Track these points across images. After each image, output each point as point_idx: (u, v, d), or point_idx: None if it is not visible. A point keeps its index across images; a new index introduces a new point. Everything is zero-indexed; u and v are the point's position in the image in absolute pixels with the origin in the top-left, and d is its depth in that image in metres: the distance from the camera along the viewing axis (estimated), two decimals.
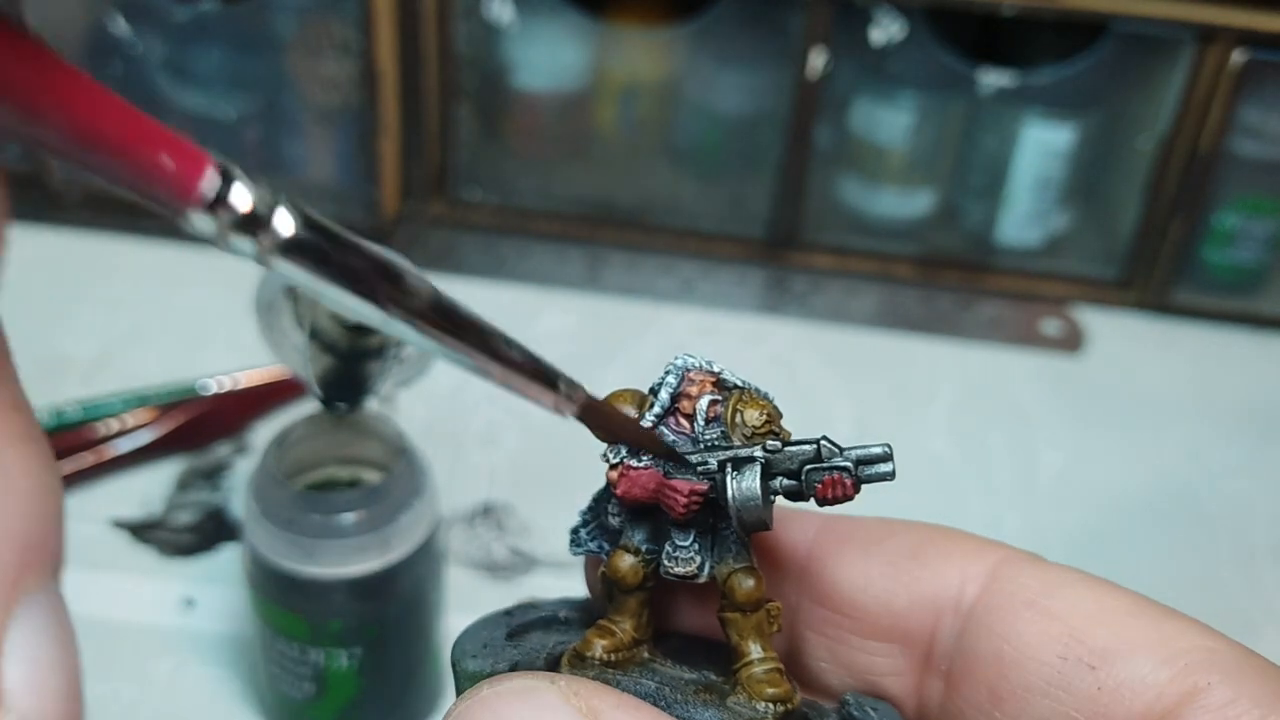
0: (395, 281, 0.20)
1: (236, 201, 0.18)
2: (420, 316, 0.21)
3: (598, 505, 0.30)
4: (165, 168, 0.17)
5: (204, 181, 0.18)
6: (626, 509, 0.29)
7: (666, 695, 0.27)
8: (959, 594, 0.28)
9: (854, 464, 0.27)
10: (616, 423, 0.27)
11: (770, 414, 0.28)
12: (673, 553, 0.28)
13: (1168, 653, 0.25)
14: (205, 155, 0.18)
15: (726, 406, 0.28)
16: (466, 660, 0.29)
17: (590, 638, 0.28)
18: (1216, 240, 0.88)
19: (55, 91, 0.16)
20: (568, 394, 0.25)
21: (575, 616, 0.31)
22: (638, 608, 0.29)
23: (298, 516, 0.50)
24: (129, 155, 0.17)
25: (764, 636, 0.28)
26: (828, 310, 0.88)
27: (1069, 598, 0.27)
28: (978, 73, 0.86)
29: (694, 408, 0.28)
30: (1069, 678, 0.26)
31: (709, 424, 0.28)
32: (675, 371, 0.28)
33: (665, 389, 0.28)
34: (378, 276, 0.20)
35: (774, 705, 0.27)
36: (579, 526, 0.30)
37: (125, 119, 0.17)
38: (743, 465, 0.27)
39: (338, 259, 0.20)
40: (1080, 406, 0.82)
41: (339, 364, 0.52)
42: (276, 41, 0.85)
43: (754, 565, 0.28)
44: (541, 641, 0.29)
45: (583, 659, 0.28)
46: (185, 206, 0.18)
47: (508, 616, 0.31)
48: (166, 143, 0.17)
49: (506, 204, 0.92)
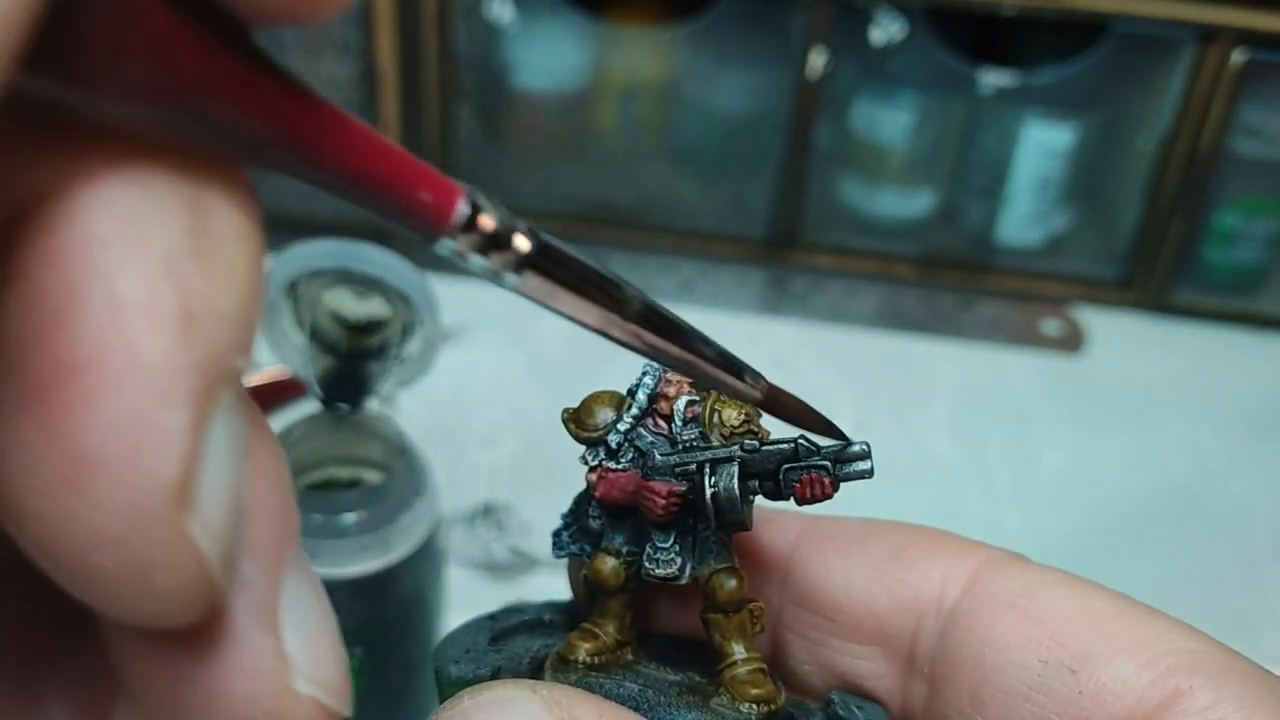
0: (615, 290, 0.22)
1: (484, 225, 0.20)
2: (635, 321, 0.22)
3: (578, 508, 0.29)
4: (424, 201, 0.19)
5: (456, 210, 0.19)
6: (606, 511, 0.28)
7: (650, 698, 0.27)
8: (941, 596, 0.28)
9: (831, 463, 0.27)
10: (797, 409, 0.27)
11: (748, 414, 0.28)
12: (653, 554, 0.28)
13: (1149, 655, 0.25)
14: (457, 188, 0.20)
15: (704, 407, 0.28)
16: (449, 666, 0.28)
17: (573, 641, 0.28)
18: (1216, 240, 0.88)
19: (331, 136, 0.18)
20: (752, 383, 0.25)
21: (560, 619, 0.31)
22: (621, 610, 0.29)
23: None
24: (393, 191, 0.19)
25: (747, 637, 0.28)
26: (828, 310, 0.88)
27: (1050, 599, 0.26)
28: (978, 73, 0.86)
29: (671, 408, 0.28)
30: (1050, 681, 0.25)
31: (687, 424, 0.28)
32: (652, 373, 0.28)
33: (643, 390, 0.28)
34: (601, 286, 0.22)
35: (758, 706, 0.27)
36: (560, 529, 0.30)
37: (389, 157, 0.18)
38: (720, 465, 0.27)
39: (568, 271, 0.22)
40: (1080, 406, 0.82)
41: (339, 364, 0.53)
42: (276, 42, 0.85)
43: (735, 566, 0.28)
44: (525, 645, 0.29)
45: (566, 663, 0.28)
46: (440, 233, 0.19)
47: (491, 621, 0.30)
48: (425, 177, 0.19)
49: (506, 204, 0.91)
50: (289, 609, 0.18)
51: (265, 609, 0.18)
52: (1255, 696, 0.24)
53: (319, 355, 0.52)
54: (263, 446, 0.19)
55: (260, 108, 0.17)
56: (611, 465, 0.28)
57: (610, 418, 0.28)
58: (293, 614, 0.18)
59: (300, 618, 0.19)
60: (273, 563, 0.18)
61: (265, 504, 0.18)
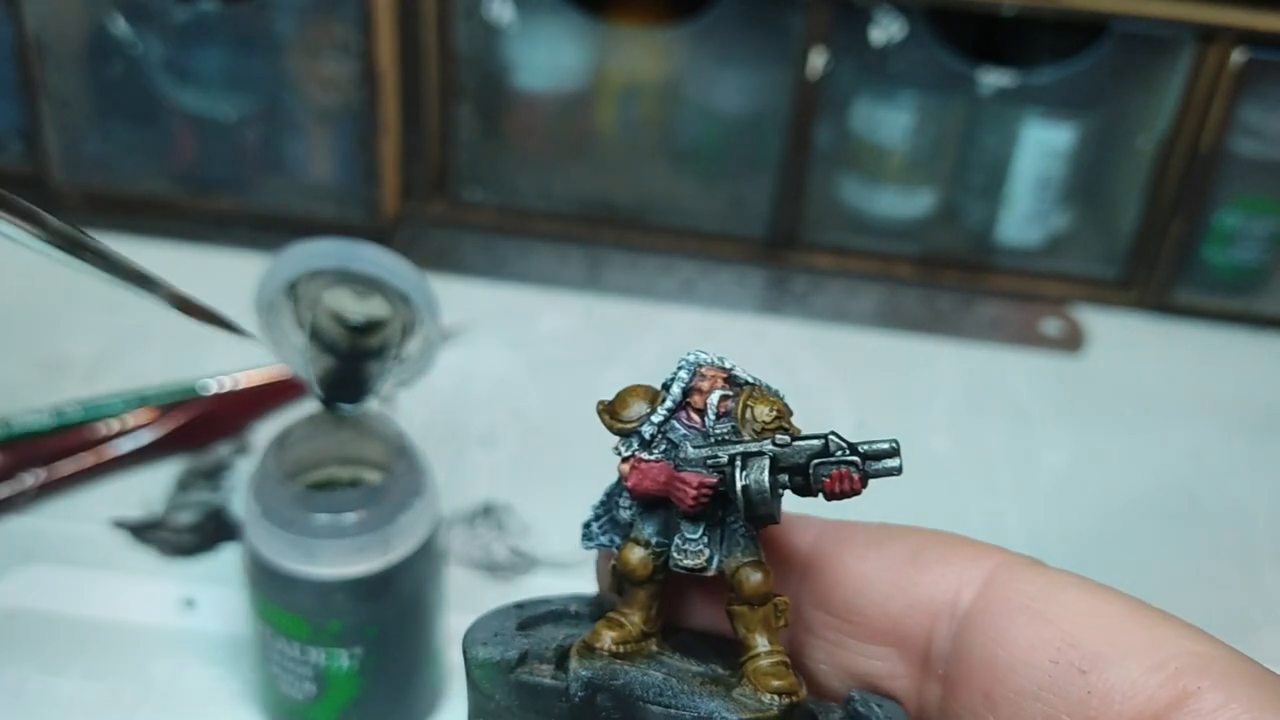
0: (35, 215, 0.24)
1: None
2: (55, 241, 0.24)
3: (609, 499, 0.30)
4: None
5: None
6: (638, 501, 0.29)
7: (673, 685, 0.27)
8: (955, 598, 0.28)
9: (862, 459, 0.28)
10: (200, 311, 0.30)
11: (780, 410, 0.28)
12: (682, 545, 0.28)
13: (1159, 657, 0.25)
14: None
15: (737, 402, 0.28)
16: (477, 648, 0.29)
17: (599, 629, 0.29)
18: (1216, 240, 0.88)
19: None
20: None
21: (585, 611, 0.32)
22: (647, 601, 0.29)
23: (298, 516, 0.50)
24: None
25: (771, 630, 0.28)
26: (828, 310, 0.88)
27: (1063, 602, 0.27)
28: (978, 73, 0.86)
29: (705, 402, 0.28)
30: (1060, 682, 0.26)
31: (719, 419, 0.28)
32: (687, 367, 0.29)
33: (677, 384, 0.29)
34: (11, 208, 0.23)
35: (779, 698, 0.27)
36: (590, 520, 0.31)
37: None
38: (751, 459, 0.28)
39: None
40: (1080, 406, 0.82)
41: (339, 364, 0.53)
42: (276, 42, 0.85)
43: (762, 560, 0.29)
44: (551, 634, 0.30)
45: (591, 650, 0.28)
46: None
47: (519, 609, 0.31)
48: None
49: (506, 204, 0.92)
50: None
51: None
52: (1264, 699, 0.24)
53: (319, 355, 0.52)
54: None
55: None
56: (645, 456, 0.28)
57: (644, 410, 0.29)
58: None
59: None
60: None
61: None
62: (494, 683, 0.28)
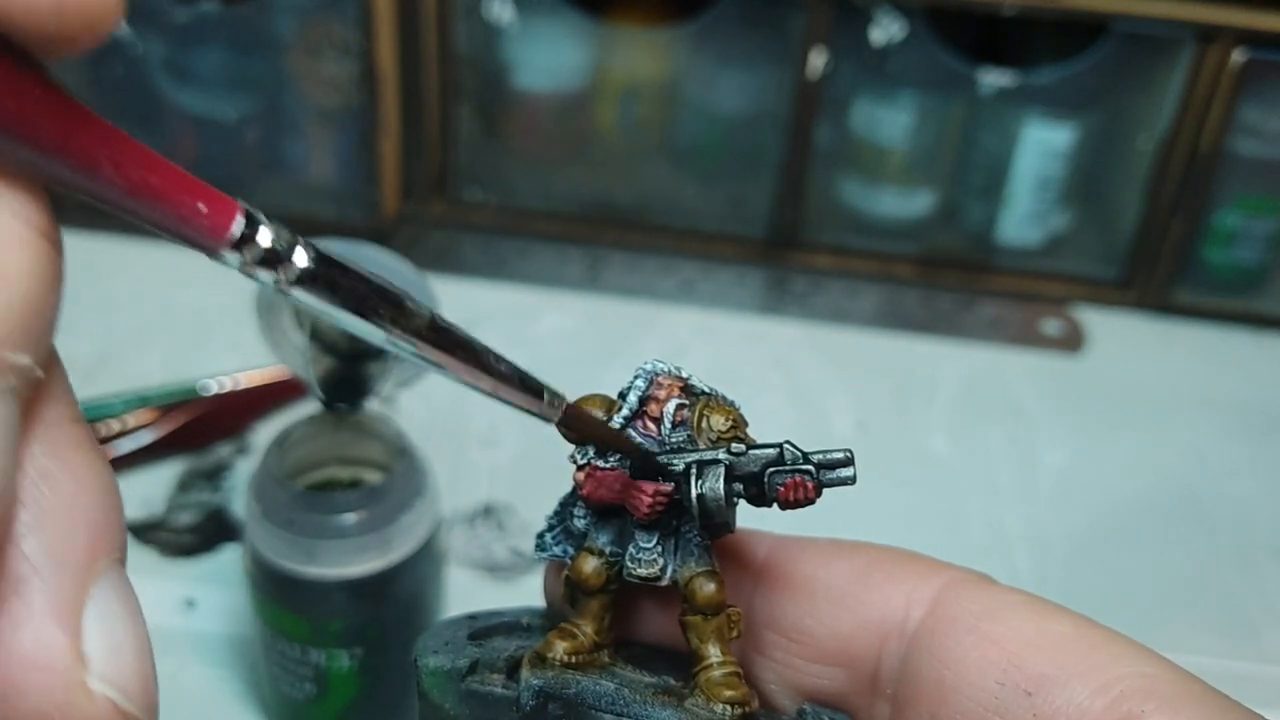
0: (397, 305, 0.23)
1: (260, 241, 0.21)
2: (419, 336, 0.24)
3: (563, 510, 0.30)
4: (201, 214, 0.20)
5: (233, 225, 0.21)
6: (592, 510, 0.29)
7: (625, 696, 0.27)
8: (904, 618, 0.28)
9: (816, 468, 0.28)
10: (592, 427, 0.28)
11: (735, 420, 0.28)
12: (636, 554, 0.28)
13: (1104, 679, 0.25)
14: (234, 203, 0.21)
15: (693, 412, 0.28)
16: (428, 656, 0.29)
17: (551, 639, 0.29)
18: (1217, 240, 0.88)
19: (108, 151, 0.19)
20: (552, 403, 0.27)
21: (537, 623, 0.32)
22: (600, 611, 0.29)
23: (298, 517, 0.50)
24: (172, 205, 0.20)
25: (723, 641, 0.28)
26: (828, 310, 0.88)
27: (1010, 622, 0.27)
28: (978, 73, 0.86)
29: (661, 411, 0.28)
30: (1006, 704, 0.26)
31: (675, 428, 0.28)
32: (644, 376, 0.29)
33: (634, 392, 0.29)
34: (381, 301, 0.23)
35: (731, 708, 0.27)
36: (544, 531, 0.30)
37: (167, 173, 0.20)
38: (707, 467, 0.28)
39: (346, 287, 0.23)
40: (1080, 406, 0.82)
41: (340, 365, 0.53)
42: (276, 42, 0.85)
43: (716, 569, 0.28)
44: (503, 644, 0.30)
45: (543, 660, 0.28)
46: (218, 246, 0.21)
47: (471, 620, 0.31)
48: (202, 192, 0.20)
49: (506, 204, 0.92)
50: (95, 614, 0.20)
51: (66, 609, 0.19)
52: None
53: (319, 355, 0.52)
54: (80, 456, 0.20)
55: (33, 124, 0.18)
56: (600, 464, 0.28)
57: (601, 418, 0.29)
58: (99, 619, 0.20)
59: (107, 624, 0.20)
60: (80, 567, 0.19)
61: (76, 511, 0.19)
62: (444, 692, 0.28)
